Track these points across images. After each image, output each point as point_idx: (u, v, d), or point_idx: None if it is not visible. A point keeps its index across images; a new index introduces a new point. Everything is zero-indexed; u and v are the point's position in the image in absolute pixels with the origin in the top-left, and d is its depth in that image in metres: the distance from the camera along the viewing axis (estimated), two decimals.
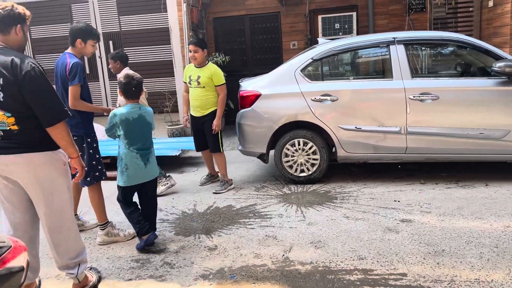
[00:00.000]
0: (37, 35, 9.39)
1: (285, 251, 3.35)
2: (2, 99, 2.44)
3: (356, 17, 8.24)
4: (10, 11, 2.51)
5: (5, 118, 2.47)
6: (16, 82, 2.40)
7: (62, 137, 2.54)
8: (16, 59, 2.43)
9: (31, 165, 2.53)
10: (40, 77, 2.45)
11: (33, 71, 2.43)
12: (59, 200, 2.65)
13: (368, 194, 4.52)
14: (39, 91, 2.45)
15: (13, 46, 2.56)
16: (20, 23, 2.56)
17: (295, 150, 4.92)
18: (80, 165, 2.72)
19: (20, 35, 2.58)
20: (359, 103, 4.78)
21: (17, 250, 1.89)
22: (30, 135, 2.52)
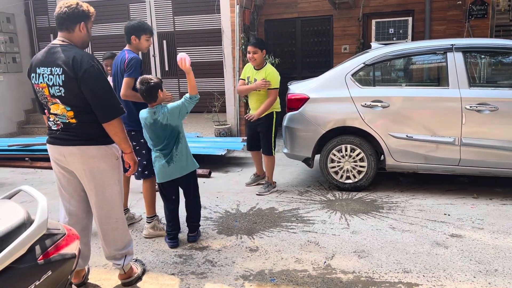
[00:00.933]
0: (96, 33, 9.83)
1: (327, 258, 3.30)
2: (64, 94, 2.56)
3: (412, 22, 7.99)
4: (75, 9, 2.61)
5: (65, 111, 2.61)
6: (76, 79, 2.50)
7: (115, 133, 2.64)
8: (78, 56, 2.52)
9: (85, 157, 2.65)
10: (98, 75, 2.54)
11: (92, 68, 2.51)
12: (109, 192, 2.76)
13: (416, 205, 4.37)
14: (97, 89, 2.54)
15: (77, 43, 2.66)
16: (84, 21, 2.65)
17: (341, 156, 4.84)
18: (133, 161, 2.82)
19: (84, 32, 2.67)
20: (411, 111, 4.63)
21: (70, 238, 1.99)
22: (87, 128, 2.63)
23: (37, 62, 2.63)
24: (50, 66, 2.55)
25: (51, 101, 2.62)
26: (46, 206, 1.84)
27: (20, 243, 1.68)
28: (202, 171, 5.82)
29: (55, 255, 1.85)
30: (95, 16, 2.77)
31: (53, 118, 2.68)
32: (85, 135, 2.64)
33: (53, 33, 10.10)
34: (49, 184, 5.69)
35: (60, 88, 2.54)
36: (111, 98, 2.60)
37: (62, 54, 2.54)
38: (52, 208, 4.56)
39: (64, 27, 2.63)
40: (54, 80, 2.54)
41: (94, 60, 2.57)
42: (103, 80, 2.56)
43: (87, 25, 2.69)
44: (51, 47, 2.62)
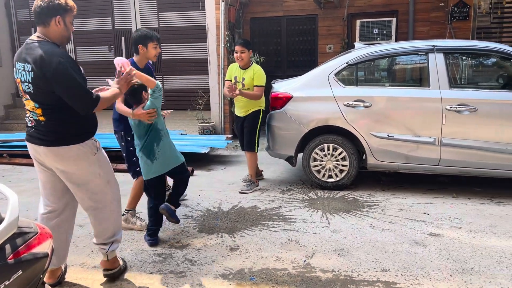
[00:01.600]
0: (78, 28, 9.67)
1: (307, 256, 3.31)
2: (32, 91, 2.53)
3: (396, 23, 8.06)
4: (49, 2, 2.53)
5: (34, 108, 2.58)
6: (45, 78, 2.46)
7: (106, 104, 2.64)
8: (46, 54, 2.46)
9: (59, 158, 2.62)
10: (66, 72, 2.47)
11: (60, 66, 2.45)
12: (93, 186, 2.75)
13: (396, 204, 4.40)
14: (68, 86, 2.49)
15: (54, 38, 2.59)
16: (60, 14, 2.56)
17: (324, 155, 4.86)
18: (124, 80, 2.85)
19: (60, 27, 2.58)
20: (393, 110, 4.67)
21: (42, 236, 1.94)
22: (55, 127, 2.59)
23: (16, 57, 2.62)
24: (23, 62, 2.53)
25: (24, 97, 2.61)
26: (17, 204, 1.79)
27: None
28: None
29: (26, 254, 1.80)
30: (76, 10, 2.69)
31: (28, 114, 2.66)
32: (54, 134, 2.59)
33: (34, 27, 9.86)
34: (27, 181, 5.58)
35: (29, 84, 2.52)
36: (81, 94, 2.53)
37: (33, 50, 2.49)
38: (29, 205, 4.48)
39: (40, 21, 2.56)
40: (26, 76, 2.52)
41: (64, 56, 2.50)
42: (72, 77, 2.49)
43: (65, 19, 2.59)
44: (27, 42, 2.58)
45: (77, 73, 2.53)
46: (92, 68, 9.76)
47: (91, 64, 9.76)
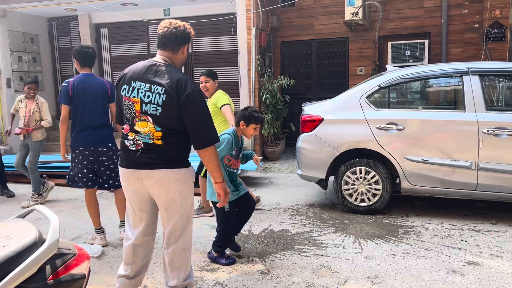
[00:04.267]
0: (116, 53, 10.07)
1: (340, 283, 3.24)
2: (159, 114, 2.46)
3: (429, 44, 7.96)
4: (184, 31, 2.57)
5: (154, 131, 2.49)
6: (178, 102, 2.43)
7: (209, 160, 2.56)
8: (182, 79, 2.46)
9: (166, 180, 2.53)
10: (200, 100, 2.48)
11: (195, 93, 2.45)
12: (184, 215, 2.63)
13: (432, 230, 4.27)
14: (198, 114, 2.48)
15: (176, 64, 2.61)
16: (188, 43, 2.63)
17: (356, 179, 4.79)
18: (224, 191, 2.70)
19: (185, 55, 2.64)
20: (427, 134, 4.58)
21: (80, 257, 1.99)
22: (171, 151, 2.53)
23: (134, 75, 2.55)
24: (150, 83, 2.48)
25: (139, 117, 2.51)
26: (58, 226, 1.86)
27: (30, 263, 1.69)
28: None
29: (64, 275, 1.85)
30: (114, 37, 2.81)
31: (132, 137, 2.55)
32: (168, 157, 2.53)
33: None
34: (65, 202, 5.76)
35: (157, 107, 2.46)
36: (210, 124, 2.52)
37: (166, 74, 2.47)
38: (66, 226, 4.62)
39: (169, 47, 2.56)
40: (153, 98, 2.46)
41: (196, 85, 2.52)
42: (204, 106, 2.51)
43: (188, 47, 2.68)
44: (152, 64, 2.54)
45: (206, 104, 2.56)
46: None
47: None
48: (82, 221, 4.87)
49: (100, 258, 3.80)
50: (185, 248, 2.66)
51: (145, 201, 2.66)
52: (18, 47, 9.57)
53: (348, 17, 7.59)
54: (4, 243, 1.75)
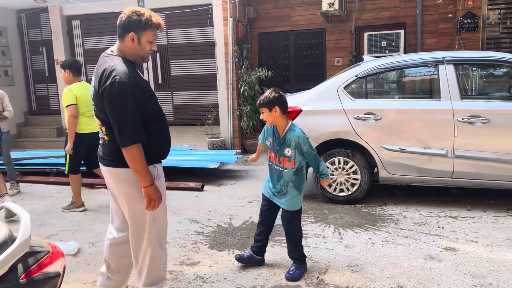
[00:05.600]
0: (89, 46, 9.82)
1: (320, 273, 3.25)
2: (95, 107, 2.47)
3: (404, 35, 8.05)
4: (129, 17, 2.39)
5: (99, 125, 2.50)
6: (99, 94, 2.33)
7: (129, 161, 2.33)
8: (108, 69, 2.30)
9: (116, 179, 2.47)
10: (116, 94, 2.25)
11: (112, 85, 2.25)
12: (140, 220, 2.49)
13: (410, 218, 4.33)
14: (111, 109, 2.29)
15: (125, 54, 2.43)
16: (134, 31, 2.38)
17: (334, 169, 4.82)
18: (148, 196, 2.38)
19: (134, 44, 2.41)
20: (404, 123, 4.63)
21: (54, 255, 1.93)
22: (114, 147, 2.41)
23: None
24: (94, 75, 2.44)
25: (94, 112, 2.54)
26: (29, 223, 1.78)
27: (1, 262, 1.62)
28: (195, 184, 5.76)
29: (38, 274, 1.78)
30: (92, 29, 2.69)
31: (100, 131, 2.56)
32: (115, 154, 2.41)
33: (45, 46, 10.09)
34: (39, 199, 5.61)
35: (92, 101, 2.48)
36: (123, 122, 2.28)
37: (102, 65, 2.38)
38: (41, 223, 4.49)
39: (118, 35, 2.44)
40: (91, 92, 2.47)
41: (123, 76, 2.27)
42: (119, 101, 2.26)
43: (140, 37, 2.40)
44: (102, 55, 2.47)
45: (133, 98, 2.29)
46: None
47: None
48: (57, 218, 4.75)
49: (76, 255, 3.71)
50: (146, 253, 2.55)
51: (114, 196, 2.65)
52: None
53: (325, 8, 7.58)
54: None
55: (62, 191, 5.94)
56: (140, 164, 2.32)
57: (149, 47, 2.46)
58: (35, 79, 10.43)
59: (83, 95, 4.80)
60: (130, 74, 2.31)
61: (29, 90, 10.45)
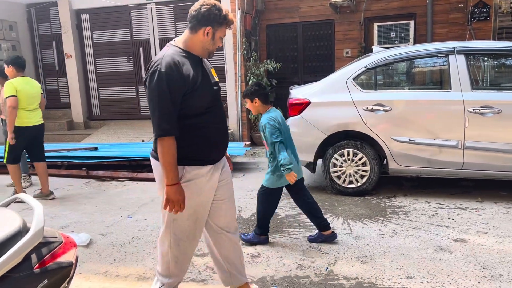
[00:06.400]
0: (98, 40, 9.86)
1: (329, 264, 3.26)
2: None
3: (414, 25, 7.96)
4: (209, 10, 2.26)
5: None
6: (144, 83, 2.27)
7: (158, 154, 2.22)
8: (155, 59, 2.24)
9: (154, 171, 2.40)
10: (154, 84, 2.16)
11: (152, 75, 2.18)
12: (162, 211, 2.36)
13: (419, 210, 4.32)
14: (148, 99, 2.24)
15: (194, 47, 2.32)
16: (211, 25, 2.27)
17: (343, 161, 4.81)
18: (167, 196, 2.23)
19: (207, 39, 2.30)
20: (414, 114, 4.60)
21: (67, 245, 1.96)
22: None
23: None
24: None
25: None
26: (43, 214, 1.81)
27: (15, 252, 1.65)
28: None
29: (51, 263, 1.82)
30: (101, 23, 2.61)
31: None
32: (154, 147, 2.35)
33: (55, 40, 10.15)
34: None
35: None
36: (155, 112, 2.19)
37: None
38: (53, 215, 4.55)
39: (190, 25, 2.31)
40: None
41: (165, 66, 2.16)
42: (154, 90, 2.17)
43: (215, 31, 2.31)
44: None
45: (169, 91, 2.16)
46: (111, 78, 9.93)
47: (110, 74, 9.92)
48: (69, 210, 4.81)
49: (88, 246, 3.76)
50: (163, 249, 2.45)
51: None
52: None
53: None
54: None
55: (73, 183, 6.01)
56: (165, 158, 2.20)
57: (220, 43, 2.38)
58: (45, 73, 10.52)
59: (24, 89, 5.03)
60: (174, 66, 2.18)
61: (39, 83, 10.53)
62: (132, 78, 9.79)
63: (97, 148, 7.20)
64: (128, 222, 4.32)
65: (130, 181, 5.99)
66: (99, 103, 10.14)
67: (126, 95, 9.82)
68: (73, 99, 9.90)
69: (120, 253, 3.61)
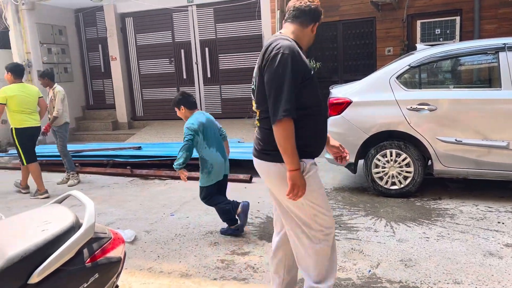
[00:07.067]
0: (141, 42, 10.15)
1: (372, 266, 3.20)
2: (254, 86, 2.28)
3: (460, 21, 7.67)
4: (317, 7, 2.34)
5: (255, 109, 2.31)
6: (262, 68, 2.18)
7: (279, 139, 2.12)
8: (274, 43, 2.16)
9: (264, 174, 2.33)
10: (279, 63, 2.09)
11: (275, 57, 2.11)
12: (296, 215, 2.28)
13: (467, 213, 4.16)
14: (270, 81, 2.12)
15: (303, 41, 2.34)
16: (318, 21, 2.35)
17: (386, 161, 4.70)
18: (292, 181, 2.13)
19: (312, 33, 2.37)
20: (460, 114, 4.43)
21: (116, 241, 2.03)
22: (266, 136, 2.24)
23: None
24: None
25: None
26: (94, 211, 1.89)
27: (69, 246, 1.73)
28: (243, 176, 5.84)
29: (101, 258, 1.89)
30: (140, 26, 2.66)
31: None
32: (263, 145, 2.26)
33: (101, 44, 10.53)
34: (97, 189, 5.90)
35: (253, 79, 2.30)
36: (279, 92, 2.09)
37: (266, 45, 2.23)
38: (99, 212, 4.73)
39: (299, 20, 2.32)
40: (255, 71, 2.30)
41: (288, 50, 2.11)
42: (279, 71, 2.09)
43: (316, 27, 2.38)
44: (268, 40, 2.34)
45: (291, 73, 2.10)
46: (154, 80, 10.20)
47: (153, 76, 10.19)
48: (115, 207, 4.98)
49: (133, 243, 3.88)
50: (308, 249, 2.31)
51: (270, 193, 2.43)
52: (47, 39, 9.78)
53: None
54: (43, 228, 1.79)
55: (118, 181, 6.21)
56: (289, 141, 2.10)
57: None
58: (92, 75, 10.95)
59: (18, 95, 5.46)
60: (296, 52, 2.16)
61: (86, 85, 10.99)
62: (173, 79, 10.02)
63: (140, 147, 7.42)
64: (171, 220, 4.42)
65: (172, 179, 6.13)
66: (142, 104, 10.44)
67: (167, 95, 10.05)
68: (117, 100, 10.25)
69: (164, 250, 3.70)
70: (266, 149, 2.26)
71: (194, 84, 9.88)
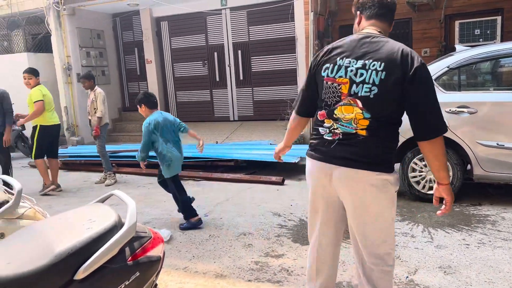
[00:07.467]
0: (176, 45, 10.33)
1: (410, 272, 3.13)
2: (373, 95, 1.99)
3: (501, 21, 7.40)
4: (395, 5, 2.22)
5: (360, 117, 2.02)
6: (403, 79, 1.96)
7: (436, 156, 2.03)
8: (406, 49, 2.01)
9: (361, 184, 2.05)
10: (430, 78, 2.01)
11: (423, 68, 1.97)
12: (383, 229, 2.14)
13: (509, 220, 4.00)
14: (429, 95, 1.98)
15: None
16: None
17: (423, 165, 4.59)
18: (449, 195, 2.14)
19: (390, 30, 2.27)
20: (503, 117, 4.27)
21: (156, 241, 2.07)
22: (375, 147, 2.03)
23: (340, 51, 2.09)
24: (363, 58, 2.03)
25: (344, 100, 2.05)
26: (135, 210, 1.94)
27: (112, 244, 1.78)
28: (276, 178, 5.84)
29: (142, 257, 1.93)
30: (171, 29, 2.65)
31: (330, 124, 2.10)
32: (370, 155, 2.02)
33: (136, 47, 10.80)
34: (133, 188, 6.05)
35: (373, 87, 1.99)
36: (438, 109, 2.00)
37: (385, 46, 2.03)
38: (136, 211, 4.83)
39: (387, 18, 2.22)
40: (367, 76, 2.00)
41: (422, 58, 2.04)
42: (433, 86, 2.03)
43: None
44: (365, 36, 2.10)
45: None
46: (188, 82, 10.36)
47: (187, 79, 10.36)
48: (150, 207, 5.09)
49: (168, 242, 3.95)
50: (384, 270, 2.17)
51: (330, 203, 2.21)
52: (86, 43, 10.12)
53: None
54: (88, 226, 1.85)
55: (153, 182, 6.32)
56: (445, 158, 2.06)
57: None
58: (128, 77, 11.24)
59: (47, 95, 5.91)
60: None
61: (122, 88, 11.28)
62: (206, 82, 10.14)
63: None
64: (205, 220, 4.47)
65: (205, 180, 6.20)
66: (176, 106, 10.63)
67: (201, 98, 10.19)
68: None
69: (199, 250, 3.75)
70: (381, 159, 2.05)
71: (227, 86, 9.96)
